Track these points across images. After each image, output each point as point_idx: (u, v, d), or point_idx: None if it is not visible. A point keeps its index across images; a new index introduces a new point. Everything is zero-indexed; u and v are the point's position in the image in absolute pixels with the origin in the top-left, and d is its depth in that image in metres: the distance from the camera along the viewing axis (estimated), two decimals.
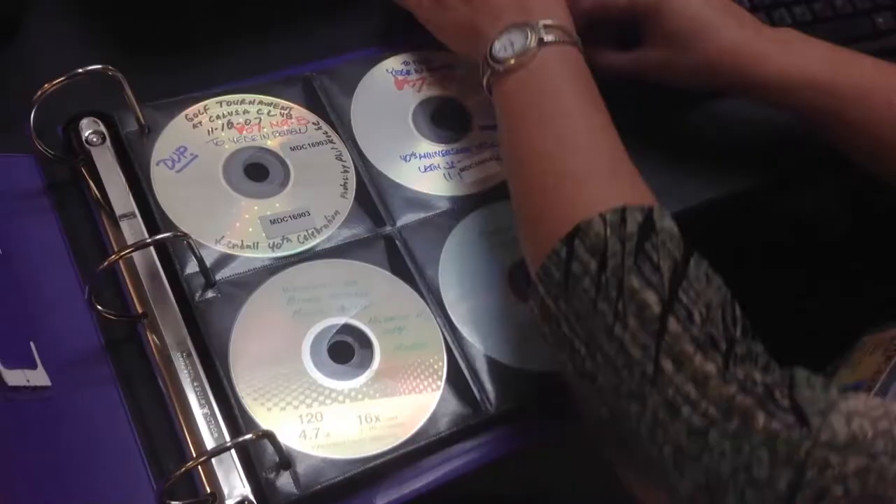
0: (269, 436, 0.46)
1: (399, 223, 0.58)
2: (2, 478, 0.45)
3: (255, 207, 0.57)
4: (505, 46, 0.53)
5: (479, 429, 0.52)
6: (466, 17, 0.57)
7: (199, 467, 0.47)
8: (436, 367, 0.53)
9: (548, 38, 0.52)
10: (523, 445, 0.53)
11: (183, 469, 0.44)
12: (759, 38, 0.58)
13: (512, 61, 0.52)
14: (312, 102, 0.62)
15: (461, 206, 0.60)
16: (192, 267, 0.53)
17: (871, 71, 0.57)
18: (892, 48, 0.74)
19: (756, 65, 0.57)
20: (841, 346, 0.65)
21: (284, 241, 0.56)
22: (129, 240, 0.53)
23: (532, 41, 0.52)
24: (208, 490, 0.47)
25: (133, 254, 0.52)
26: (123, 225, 0.54)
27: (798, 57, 0.57)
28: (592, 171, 0.49)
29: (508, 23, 0.53)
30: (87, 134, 0.57)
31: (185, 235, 0.50)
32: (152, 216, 0.54)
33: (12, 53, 0.63)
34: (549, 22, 0.53)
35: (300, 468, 0.48)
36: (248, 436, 0.45)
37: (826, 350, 0.66)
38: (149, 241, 0.49)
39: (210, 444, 0.48)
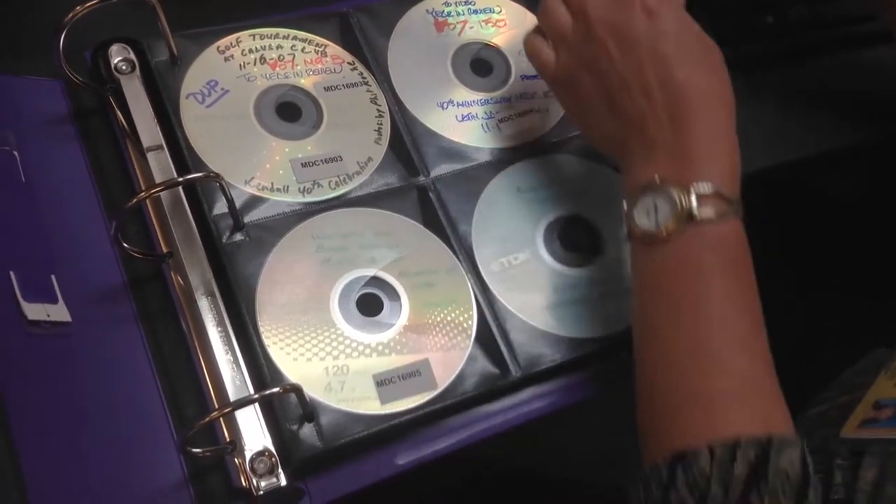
0: (297, 390, 0.45)
1: (433, 174, 0.56)
2: (20, 412, 0.44)
3: (287, 149, 0.54)
4: (648, 210, 0.45)
5: (506, 391, 0.51)
6: (613, 133, 0.49)
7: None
8: (465, 325, 0.52)
9: (701, 213, 0.44)
10: (548, 411, 0.52)
11: (205, 420, 0.43)
12: None
13: (653, 232, 0.45)
14: (349, 41, 0.59)
15: (498, 160, 0.57)
16: (220, 208, 0.51)
17: None
18: None
19: None
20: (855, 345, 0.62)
21: (315, 185, 0.54)
22: (156, 174, 0.52)
23: (681, 215, 0.44)
24: (227, 438, 0.46)
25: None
26: (150, 158, 0.52)
27: None
28: (719, 394, 0.43)
29: (660, 172, 0.46)
30: (116, 61, 0.54)
31: (218, 177, 0.48)
32: (180, 151, 0.52)
33: None
34: (706, 189, 0.44)
35: (324, 421, 0.47)
36: (276, 389, 0.44)
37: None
38: (179, 180, 0.47)
39: (233, 392, 0.46)
